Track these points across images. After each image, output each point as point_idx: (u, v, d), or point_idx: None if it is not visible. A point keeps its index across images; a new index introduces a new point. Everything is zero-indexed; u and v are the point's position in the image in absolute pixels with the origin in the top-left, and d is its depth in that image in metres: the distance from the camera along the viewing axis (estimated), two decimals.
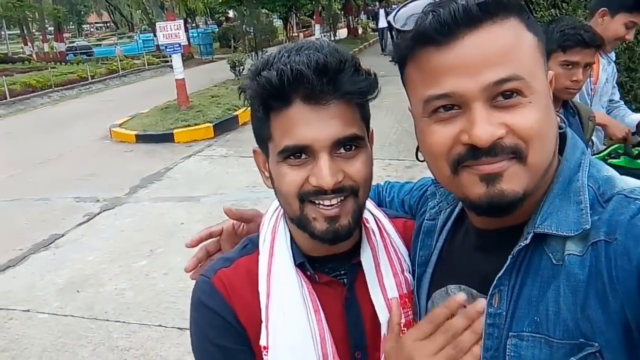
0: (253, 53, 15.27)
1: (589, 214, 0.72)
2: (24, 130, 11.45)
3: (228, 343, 0.95)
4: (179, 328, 3.78)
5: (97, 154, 8.99)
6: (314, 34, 23.54)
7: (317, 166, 0.85)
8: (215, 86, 13.67)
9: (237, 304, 0.97)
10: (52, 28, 31.43)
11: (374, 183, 0.99)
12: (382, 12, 18.87)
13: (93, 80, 19.08)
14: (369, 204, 1.05)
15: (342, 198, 0.88)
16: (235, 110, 10.62)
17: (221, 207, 1.27)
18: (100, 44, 32.58)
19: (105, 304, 4.19)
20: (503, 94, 0.71)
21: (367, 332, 0.97)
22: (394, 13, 0.79)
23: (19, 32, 35.17)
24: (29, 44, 30.45)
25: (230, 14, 24.26)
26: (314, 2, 15.49)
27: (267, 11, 18.90)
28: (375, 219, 1.04)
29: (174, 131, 9.37)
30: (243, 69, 14.36)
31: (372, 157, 0.95)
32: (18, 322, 4.03)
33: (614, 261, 0.66)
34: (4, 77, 16.66)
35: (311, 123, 0.84)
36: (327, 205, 0.87)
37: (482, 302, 0.77)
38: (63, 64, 24.38)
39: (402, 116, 10.15)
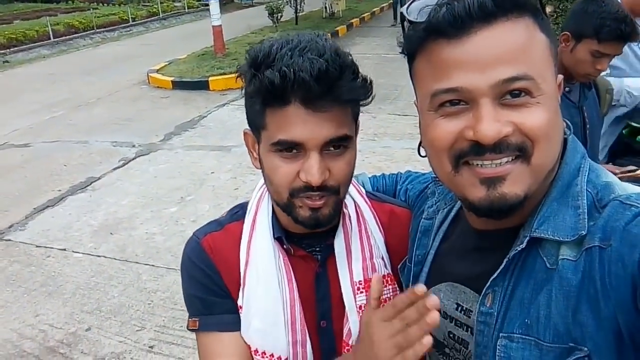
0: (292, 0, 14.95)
1: (586, 220, 0.72)
2: (66, 72, 11.71)
3: (209, 296, 1.06)
4: None
5: (135, 98, 9.16)
6: None
7: (307, 163, 0.90)
8: (253, 33, 13.56)
9: (221, 264, 1.06)
10: None
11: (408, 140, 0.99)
12: None
13: (134, 22, 19.17)
14: (353, 190, 1.09)
15: (325, 195, 0.94)
16: None
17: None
18: None
19: (136, 247, 4.39)
20: (511, 93, 0.70)
21: (334, 304, 1.05)
22: (407, 4, 0.78)
23: None
24: None
25: None
26: None
27: None
28: (355, 205, 1.09)
29: (209, 79, 9.42)
30: (281, 16, 14.14)
31: (356, 153, 0.99)
32: (55, 260, 4.28)
33: (607, 267, 0.66)
34: (47, 17, 16.92)
35: (307, 123, 0.88)
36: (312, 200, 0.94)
37: (432, 299, 0.76)
38: (105, 4, 24.49)
39: None
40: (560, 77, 0.79)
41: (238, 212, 1.13)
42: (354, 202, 1.09)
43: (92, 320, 3.52)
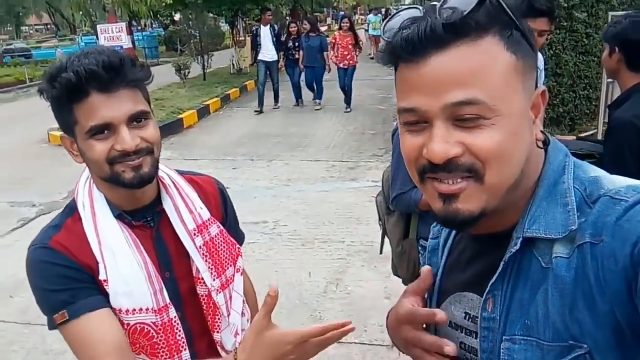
0: (199, 57, 15.05)
1: (575, 215, 0.73)
2: None
3: (74, 285, 1.17)
4: None
5: (35, 157, 8.68)
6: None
7: (119, 136, 1.14)
8: (160, 89, 13.45)
9: (77, 256, 1.20)
10: None
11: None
12: (264, 30, 11.40)
13: (32, 83, 18.34)
14: (165, 169, 1.37)
15: (141, 156, 1.17)
16: (180, 113, 10.50)
17: None
18: (39, 47, 31.29)
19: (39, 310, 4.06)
20: (464, 115, 0.71)
21: (173, 258, 1.32)
22: (385, 21, 0.80)
23: None
24: None
25: (177, 17, 23.83)
26: (260, 7, 15.35)
27: (213, 15, 18.68)
28: (169, 177, 1.36)
29: None
30: (189, 72, 14.20)
31: (155, 122, 1.24)
32: None
33: (600, 263, 0.67)
34: None
35: (107, 106, 1.12)
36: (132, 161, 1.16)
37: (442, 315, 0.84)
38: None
39: (346, 119, 10.30)
40: (541, 89, 0.79)
41: (66, 210, 1.29)
42: (168, 175, 1.37)
43: None
